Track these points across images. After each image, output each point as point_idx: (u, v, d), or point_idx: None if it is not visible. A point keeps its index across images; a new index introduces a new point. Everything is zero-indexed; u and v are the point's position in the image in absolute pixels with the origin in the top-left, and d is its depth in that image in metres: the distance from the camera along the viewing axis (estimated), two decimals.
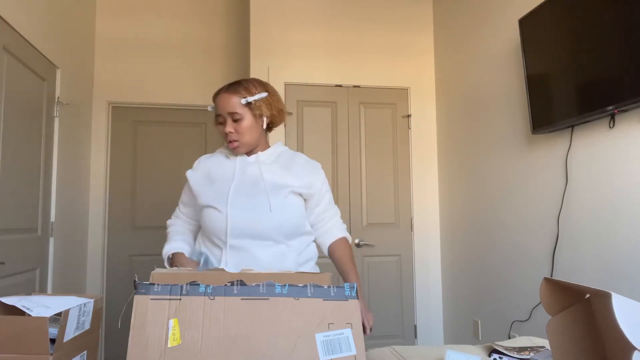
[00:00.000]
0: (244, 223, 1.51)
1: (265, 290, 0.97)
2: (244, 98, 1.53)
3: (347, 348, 0.92)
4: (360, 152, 3.65)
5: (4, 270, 2.35)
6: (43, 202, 2.83)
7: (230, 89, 1.55)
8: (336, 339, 0.93)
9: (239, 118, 1.53)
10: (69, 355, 0.95)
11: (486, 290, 3.09)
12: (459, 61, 3.45)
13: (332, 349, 0.92)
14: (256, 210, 1.52)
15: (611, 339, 0.72)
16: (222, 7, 4.03)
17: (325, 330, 0.94)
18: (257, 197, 1.53)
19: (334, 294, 0.98)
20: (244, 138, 1.55)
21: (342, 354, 0.91)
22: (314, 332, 0.93)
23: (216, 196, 1.55)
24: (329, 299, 0.97)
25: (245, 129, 1.55)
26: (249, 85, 1.56)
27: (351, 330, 0.95)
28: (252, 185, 1.55)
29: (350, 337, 0.94)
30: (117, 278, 3.67)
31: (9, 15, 2.37)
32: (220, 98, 1.55)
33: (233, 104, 1.53)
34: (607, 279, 2.14)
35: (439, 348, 1.44)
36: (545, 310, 0.83)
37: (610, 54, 1.99)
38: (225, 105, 1.54)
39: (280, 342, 0.92)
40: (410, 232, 3.68)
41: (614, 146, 2.11)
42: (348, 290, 0.99)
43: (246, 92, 1.54)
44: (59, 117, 3.01)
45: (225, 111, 1.54)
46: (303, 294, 0.97)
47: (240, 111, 1.53)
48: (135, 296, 0.94)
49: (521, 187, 2.74)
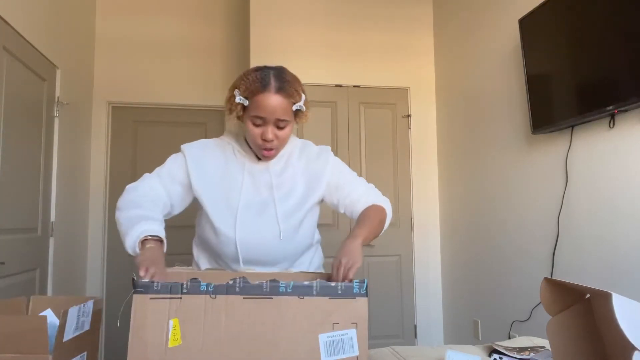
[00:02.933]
0: (253, 250, 1.35)
1: (268, 289, 0.93)
2: (296, 104, 1.31)
3: (350, 349, 0.91)
4: (360, 152, 3.65)
5: (4, 270, 2.35)
6: (43, 202, 2.83)
7: (283, 91, 1.28)
8: (340, 339, 0.91)
9: (284, 126, 1.31)
10: (68, 355, 0.95)
11: (486, 290, 3.09)
12: (459, 61, 3.45)
13: (334, 350, 0.90)
14: (266, 237, 1.35)
15: (611, 339, 0.71)
16: (222, 7, 4.03)
17: (329, 330, 0.92)
18: (266, 219, 1.36)
19: (341, 292, 0.94)
20: (282, 146, 1.35)
21: (345, 355, 0.89)
22: (318, 333, 0.91)
23: (222, 212, 1.35)
24: (335, 297, 0.94)
25: (286, 137, 1.34)
26: (296, 84, 1.33)
27: (356, 331, 0.92)
28: (261, 205, 1.37)
29: (354, 338, 0.92)
30: (117, 278, 3.66)
31: (9, 15, 2.37)
32: (270, 99, 1.26)
33: (285, 109, 1.28)
34: (607, 279, 2.13)
35: (439, 348, 1.44)
36: (545, 310, 0.83)
37: (610, 54, 1.99)
38: (276, 110, 1.27)
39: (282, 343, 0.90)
40: (410, 232, 3.68)
41: (614, 146, 2.11)
42: (357, 287, 0.95)
43: (297, 95, 1.31)
44: (59, 117, 3.01)
45: (274, 116, 1.28)
46: (308, 292, 0.94)
47: (289, 118, 1.31)
48: (134, 295, 0.91)
49: (521, 187, 2.74)
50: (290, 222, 1.38)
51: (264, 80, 1.27)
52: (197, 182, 1.36)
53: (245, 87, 1.29)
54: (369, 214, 1.38)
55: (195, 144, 1.43)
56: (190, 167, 1.36)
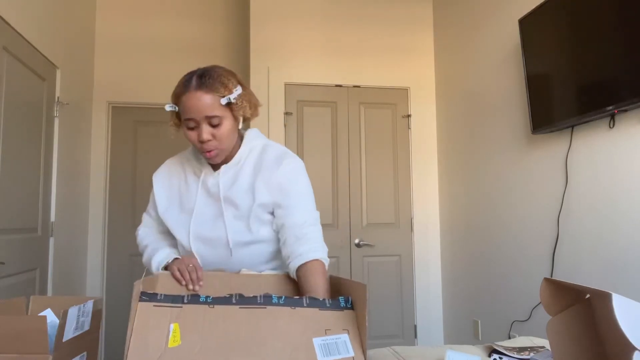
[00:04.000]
0: (210, 263, 1.35)
1: (262, 300, 1.00)
2: (224, 97, 1.23)
3: (345, 351, 0.93)
4: (360, 152, 3.65)
5: (4, 270, 2.35)
6: (43, 202, 2.83)
7: (204, 87, 1.22)
8: (334, 342, 0.95)
9: (219, 122, 1.24)
10: (68, 355, 0.95)
11: (486, 290, 3.09)
12: (459, 61, 3.45)
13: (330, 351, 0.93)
14: (218, 250, 1.34)
15: (611, 339, 0.71)
16: (222, 7, 4.03)
17: (322, 335, 0.96)
18: (217, 232, 1.34)
19: (329, 305, 1.01)
20: (223, 144, 1.27)
21: (341, 355, 0.92)
22: (312, 337, 0.95)
23: (180, 226, 1.37)
24: (324, 309, 1.00)
25: (225, 134, 1.25)
26: (224, 79, 1.25)
27: (348, 335, 0.96)
28: (213, 217, 1.35)
29: (347, 341, 0.95)
30: (117, 278, 3.66)
31: (9, 15, 2.37)
32: (192, 98, 1.21)
33: (211, 105, 1.22)
34: (607, 279, 2.13)
35: (439, 348, 1.44)
36: (545, 310, 0.83)
37: (610, 54, 1.99)
38: (201, 108, 1.21)
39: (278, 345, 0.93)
40: (410, 232, 3.68)
41: (614, 146, 2.11)
42: (343, 302, 1.02)
43: (224, 88, 1.24)
44: (59, 117, 3.01)
45: (201, 115, 1.22)
46: (299, 304, 1.00)
47: (220, 113, 1.23)
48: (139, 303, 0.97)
49: (521, 187, 2.74)
50: (239, 234, 1.34)
51: (187, 82, 1.24)
52: (161, 208, 1.41)
53: (173, 94, 1.28)
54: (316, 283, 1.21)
55: (162, 168, 1.47)
56: (157, 197, 1.42)
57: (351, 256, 3.55)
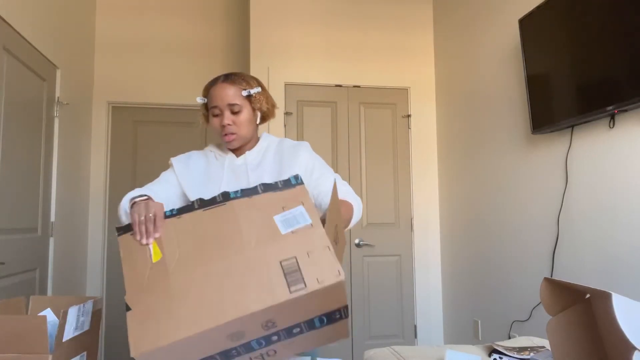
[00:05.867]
0: None
1: (221, 198, 1.11)
2: (245, 90, 1.50)
3: (304, 220, 1.05)
4: (360, 152, 3.65)
5: (4, 270, 2.35)
6: (43, 202, 2.83)
7: (229, 80, 1.50)
8: (292, 216, 1.06)
9: (239, 110, 1.49)
10: (68, 355, 0.95)
11: (486, 290, 3.09)
12: (459, 61, 3.45)
13: (290, 224, 1.05)
14: None
15: (611, 339, 0.71)
16: (222, 7, 4.03)
17: (280, 212, 1.07)
18: None
19: (282, 186, 1.12)
20: (241, 131, 1.51)
21: (299, 224, 1.04)
22: (272, 216, 1.07)
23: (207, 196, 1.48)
24: (278, 190, 1.11)
25: (243, 122, 1.50)
26: (247, 78, 1.54)
27: (303, 207, 1.08)
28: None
29: (304, 212, 1.06)
30: (117, 278, 3.66)
31: (9, 15, 2.37)
32: (219, 88, 1.49)
33: (233, 94, 1.48)
34: (607, 279, 2.13)
35: (439, 348, 1.44)
36: (545, 310, 0.83)
37: (610, 54, 1.99)
38: (224, 96, 1.48)
39: (244, 231, 1.05)
40: (410, 232, 3.68)
41: (614, 146, 2.11)
42: (294, 180, 1.13)
43: (246, 84, 1.51)
44: (59, 117, 3.01)
45: (224, 102, 1.48)
46: (255, 192, 1.11)
47: (240, 102, 1.49)
48: (118, 238, 1.10)
49: (521, 187, 2.74)
50: None
51: (216, 78, 1.53)
52: (184, 181, 1.55)
53: (204, 88, 1.56)
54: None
55: (181, 155, 1.62)
56: (178, 171, 1.56)
57: (351, 256, 3.55)
